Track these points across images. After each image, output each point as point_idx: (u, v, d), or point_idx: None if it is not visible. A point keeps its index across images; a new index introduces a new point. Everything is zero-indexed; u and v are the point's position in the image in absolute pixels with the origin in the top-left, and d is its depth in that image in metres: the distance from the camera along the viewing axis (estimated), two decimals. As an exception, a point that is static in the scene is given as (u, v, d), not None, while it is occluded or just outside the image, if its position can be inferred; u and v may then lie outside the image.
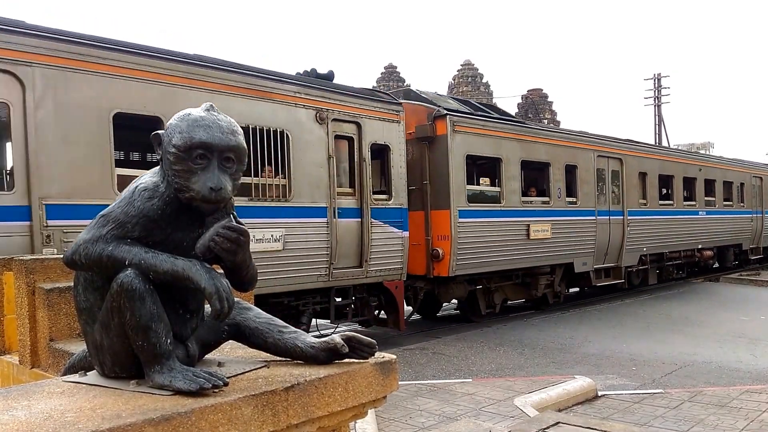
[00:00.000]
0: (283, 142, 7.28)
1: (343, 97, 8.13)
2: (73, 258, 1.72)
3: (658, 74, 37.81)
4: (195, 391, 1.61)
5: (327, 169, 7.75)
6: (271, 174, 7.20)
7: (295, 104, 7.51)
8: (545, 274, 11.65)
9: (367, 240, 8.19)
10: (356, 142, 8.21)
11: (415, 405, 5.52)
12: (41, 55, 5.57)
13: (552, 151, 11.51)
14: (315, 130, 7.69)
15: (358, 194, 8.19)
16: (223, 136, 1.70)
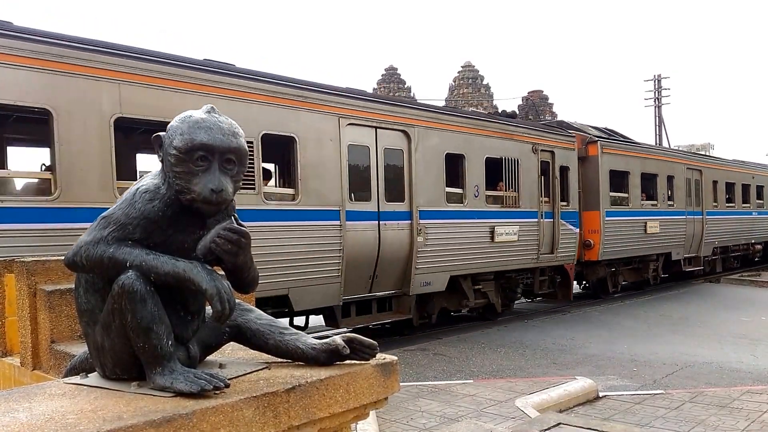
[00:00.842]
0: (516, 167, 10.75)
1: (546, 134, 11.71)
2: (74, 260, 1.72)
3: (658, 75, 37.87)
4: (196, 393, 1.61)
5: (537, 184, 11.15)
6: (501, 188, 10.59)
7: (523, 141, 10.99)
8: (652, 261, 14.92)
9: (558, 234, 11.60)
10: (551, 165, 11.60)
11: (416, 406, 5.51)
12: (420, 120, 9.25)
13: (658, 165, 14.79)
14: (531, 158, 11.11)
15: (552, 202, 11.57)
16: (224, 137, 1.70)
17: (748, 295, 14.59)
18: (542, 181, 11.23)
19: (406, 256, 8.81)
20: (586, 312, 12.09)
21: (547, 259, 11.38)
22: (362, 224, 8.25)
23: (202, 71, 6.82)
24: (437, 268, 9.29)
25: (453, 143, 9.57)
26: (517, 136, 10.82)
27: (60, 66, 5.77)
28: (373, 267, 8.44)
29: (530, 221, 10.94)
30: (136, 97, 6.20)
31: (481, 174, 10.03)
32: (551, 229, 11.43)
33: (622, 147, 13.77)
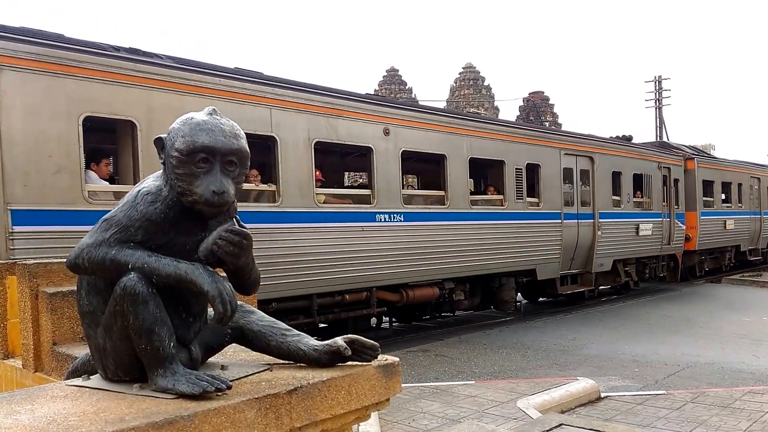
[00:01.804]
0: (649, 180, 14.35)
1: (664, 155, 15.39)
2: (76, 262, 1.72)
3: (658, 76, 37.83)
4: (198, 395, 1.61)
5: (662, 192, 14.79)
6: (639, 196, 14.06)
7: (652, 161, 14.56)
8: (727, 251, 18.44)
9: (673, 230, 15.20)
10: (668, 177, 15.11)
11: (417, 407, 5.51)
12: (601, 149, 12.64)
13: (732, 175, 18.38)
14: (657, 173, 14.63)
15: (669, 205, 15.08)
16: (225, 139, 1.71)
17: (749, 296, 14.58)
18: (664, 189, 14.93)
19: (590, 245, 12.28)
20: (588, 313, 12.08)
21: (666, 248, 15.11)
22: (569, 222, 11.81)
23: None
24: (607, 254, 12.79)
25: (616, 164, 13.20)
26: (649, 157, 14.55)
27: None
28: (573, 252, 11.93)
29: (658, 220, 14.53)
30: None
31: (629, 185, 13.54)
32: (669, 226, 15.06)
33: (710, 162, 17.85)
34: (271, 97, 7.34)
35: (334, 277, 7.87)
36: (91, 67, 5.92)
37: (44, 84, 5.60)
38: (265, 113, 7.26)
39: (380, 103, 8.97)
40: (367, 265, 8.24)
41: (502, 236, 10.30)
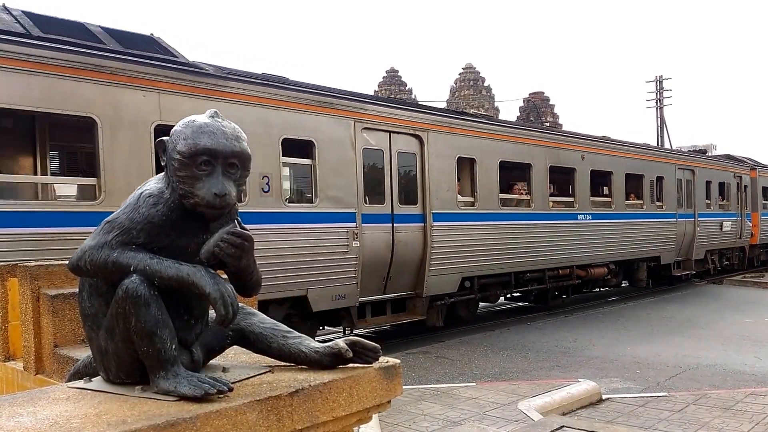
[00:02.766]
0: (728, 188, 18.01)
1: (735, 165, 18.95)
2: (78, 264, 1.72)
3: (659, 76, 37.79)
4: (200, 397, 1.61)
5: (736, 196, 18.34)
6: (721, 200, 17.50)
7: (729, 171, 18.18)
8: None
9: (743, 227, 18.74)
10: (740, 184, 18.69)
11: (418, 409, 5.51)
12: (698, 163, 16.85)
13: None
14: (733, 181, 18.32)
15: (741, 207, 18.64)
16: (227, 142, 1.71)
17: (751, 297, 14.56)
18: (737, 194, 18.50)
19: (692, 238, 16.09)
20: (589, 314, 12.07)
21: (738, 242, 18.83)
22: (681, 220, 15.57)
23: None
24: (702, 245, 16.63)
25: (708, 175, 16.93)
26: (727, 168, 18.27)
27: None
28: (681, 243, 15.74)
29: (735, 219, 18.29)
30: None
31: (716, 191, 17.33)
32: (741, 224, 18.63)
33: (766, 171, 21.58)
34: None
35: (555, 258, 11.77)
36: (461, 127, 10.09)
37: (442, 139, 9.71)
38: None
39: (577, 136, 13.13)
40: (571, 250, 12.13)
41: (642, 230, 14.16)
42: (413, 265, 9.08)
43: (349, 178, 8.26)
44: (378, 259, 8.58)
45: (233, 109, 6.94)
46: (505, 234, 10.54)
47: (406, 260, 8.94)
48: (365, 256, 8.36)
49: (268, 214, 7.41)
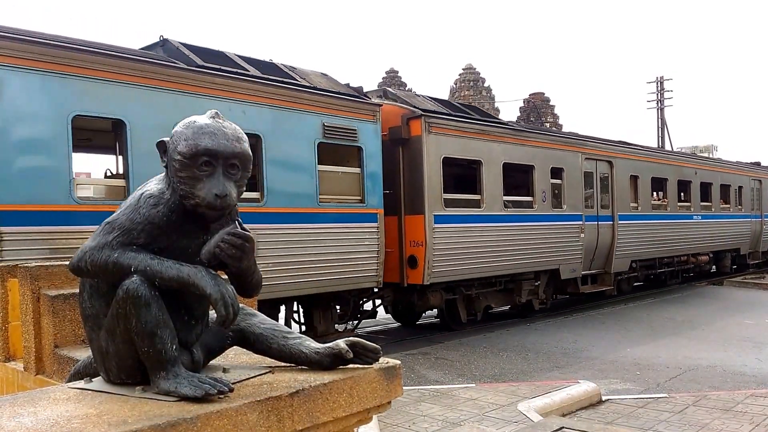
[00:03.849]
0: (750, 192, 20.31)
1: (760, 171, 20.69)
2: (78, 265, 1.73)
3: (660, 77, 37.80)
4: (200, 397, 1.61)
5: (759, 199, 20.48)
6: None
7: (743, 175, 19.39)
8: None
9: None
10: (762, 188, 20.67)
11: (418, 410, 5.51)
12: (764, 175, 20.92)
13: None
14: (755, 186, 20.17)
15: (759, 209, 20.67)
16: (228, 143, 1.71)
17: (751, 298, 14.55)
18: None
19: (759, 234, 19.99)
20: (589, 315, 12.07)
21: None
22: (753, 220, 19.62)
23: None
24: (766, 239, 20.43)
25: None
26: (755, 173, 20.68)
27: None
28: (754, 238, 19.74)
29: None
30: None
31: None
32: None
33: None
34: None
35: (681, 247, 15.90)
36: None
37: (623, 163, 13.62)
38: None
39: (693, 157, 18.35)
40: (688, 242, 16.14)
41: (729, 228, 18.17)
42: (606, 250, 13.10)
43: (578, 192, 12.27)
44: (590, 246, 12.57)
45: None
46: (655, 230, 14.67)
47: (603, 247, 12.95)
48: (585, 245, 12.39)
49: (543, 216, 11.39)
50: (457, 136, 9.68)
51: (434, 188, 9.24)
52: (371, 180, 8.54)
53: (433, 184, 9.20)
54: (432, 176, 9.18)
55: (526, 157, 10.94)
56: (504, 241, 10.33)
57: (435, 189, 9.25)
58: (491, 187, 10.20)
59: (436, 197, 9.26)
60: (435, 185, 9.24)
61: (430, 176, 9.14)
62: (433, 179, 9.20)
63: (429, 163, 9.12)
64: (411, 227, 9.15)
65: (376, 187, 8.64)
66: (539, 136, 11.56)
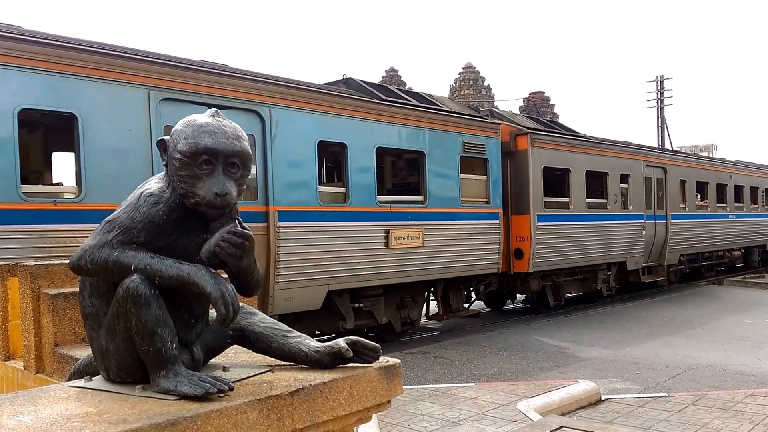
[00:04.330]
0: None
1: None
2: (78, 263, 1.73)
3: (660, 76, 37.76)
4: (200, 396, 1.61)
5: None
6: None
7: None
8: None
9: None
10: None
11: (417, 409, 5.51)
12: None
13: None
14: None
15: None
16: (228, 141, 1.71)
17: (751, 298, 14.56)
18: None
19: None
20: (589, 315, 12.07)
21: None
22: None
23: None
24: None
25: None
26: None
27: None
28: None
29: None
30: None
31: None
32: None
33: None
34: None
35: (720, 243, 17.71)
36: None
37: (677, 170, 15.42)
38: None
39: (728, 163, 19.07)
40: (726, 238, 17.89)
41: (756, 226, 19.55)
42: (660, 245, 14.63)
43: (640, 195, 13.86)
44: (649, 241, 14.14)
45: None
46: (699, 228, 16.22)
47: (658, 242, 14.55)
48: (646, 240, 13.93)
49: (614, 215, 12.90)
50: (553, 149, 11.47)
51: (537, 192, 10.93)
52: (494, 185, 10.31)
53: (536, 189, 10.91)
54: (535, 183, 10.92)
55: (602, 165, 12.68)
56: (586, 237, 12.02)
57: (537, 193, 10.95)
58: (577, 191, 11.88)
59: (538, 200, 10.97)
60: (537, 190, 10.95)
61: (534, 183, 10.89)
62: (536, 185, 10.93)
63: (533, 172, 10.89)
64: (517, 225, 10.88)
65: (497, 191, 10.40)
66: (612, 147, 13.45)
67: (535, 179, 10.91)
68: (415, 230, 8.85)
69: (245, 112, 7.07)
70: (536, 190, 10.93)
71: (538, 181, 10.97)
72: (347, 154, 8.15)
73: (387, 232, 8.50)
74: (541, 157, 11.05)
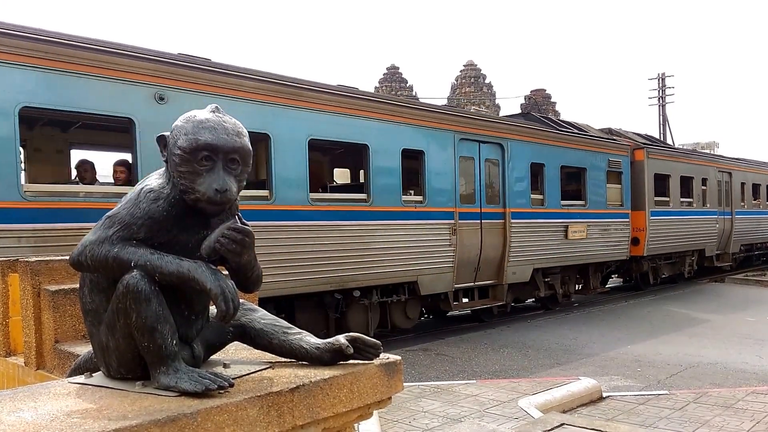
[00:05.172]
0: None
1: None
2: (78, 259, 1.72)
3: (662, 74, 37.65)
4: (200, 392, 1.61)
5: None
6: None
7: None
8: None
9: None
10: None
11: (418, 406, 5.51)
12: None
13: None
14: None
15: None
16: (228, 137, 1.71)
17: (752, 295, 14.55)
18: None
19: None
20: (590, 312, 12.07)
21: None
22: None
23: None
24: None
25: None
26: None
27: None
28: None
29: None
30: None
31: None
32: None
33: None
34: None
35: (765, 236, 20.22)
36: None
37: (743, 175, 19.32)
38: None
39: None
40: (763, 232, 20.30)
41: None
42: (727, 236, 17.60)
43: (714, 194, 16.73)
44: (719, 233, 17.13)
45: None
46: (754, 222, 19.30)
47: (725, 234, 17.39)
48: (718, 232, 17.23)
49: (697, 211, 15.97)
50: (661, 159, 14.97)
51: (650, 193, 14.27)
52: (625, 191, 13.65)
53: (649, 191, 14.25)
54: (649, 186, 14.27)
55: (690, 171, 15.95)
56: (681, 228, 15.38)
57: (650, 194, 14.28)
58: (674, 192, 15.16)
59: (651, 199, 14.27)
60: (650, 191, 14.28)
61: (648, 186, 14.22)
62: (649, 188, 14.28)
63: (647, 178, 14.27)
64: (634, 219, 13.99)
65: (627, 195, 13.69)
66: (693, 156, 17.55)
67: (649, 183, 14.23)
68: (582, 226, 12.24)
69: (494, 145, 10.37)
70: (649, 192, 14.23)
71: (651, 185, 14.28)
72: (545, 172, 11.49)
73: (566, 227, 11.81)
74: (653, 166, 14.50)
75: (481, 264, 10.08)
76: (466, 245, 9.70)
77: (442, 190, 9.32)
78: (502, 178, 10.46)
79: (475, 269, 10.01)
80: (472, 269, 9.96)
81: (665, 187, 14.97)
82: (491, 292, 10.62)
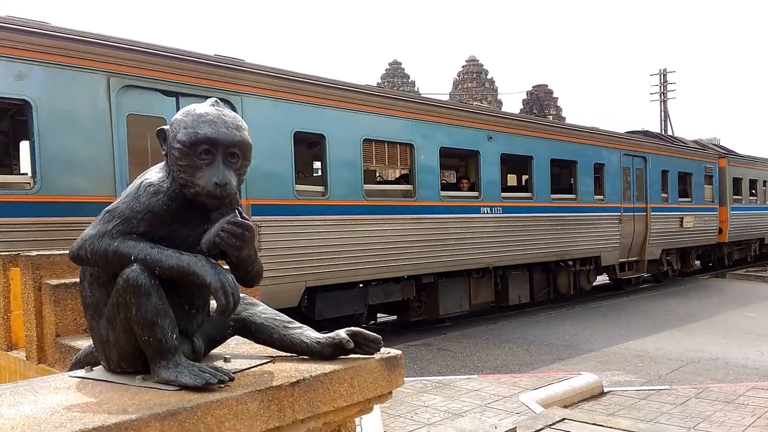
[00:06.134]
0: None
1: None
2: (78, 253, 1.72)
3: (663, 70, 37.57)
4: (201, 387, 1.61)
5: None
6: None
7: None
8: None
9: None
10: None
11: (420, 401, 5.52)
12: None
13: None
14: None
15: None
16: (228, 131, 1.70)
17: (753, 291, 14.53)
18: None
19: None
20: (591, 308, 12.07)
21: None
22: None
23: None
24: None
25: None
26: None
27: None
28: None
29: None
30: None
31: None
32: None
33: None
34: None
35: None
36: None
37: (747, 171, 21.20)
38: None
39: None
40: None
41: None
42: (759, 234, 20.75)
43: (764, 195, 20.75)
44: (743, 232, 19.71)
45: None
46: None
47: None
48: None
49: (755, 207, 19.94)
50: (738, 166, 18.90)
51: (730, 193, 18.06)
52: (715, 191, 17.39)
53: (730, 191, 18.03)
54: (729, 187, 18.02)
55: (755, 174, 19.88)
56: (749, 220, 19.39)
57: (731, 193, 18.09)
58: (745, 191, 19.04)
59: (731, 197, 18.04)
60: (730, 191, 18.07)
61: (729, 188, 18.00)
62: (730, 188, 18.03)
63: (729, 181, 18.05)
64: (719, 213, 17.61)
65: (716, 194, 17.47)
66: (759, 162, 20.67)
67: (730, 186, 18.05)
68: (692, 217, 16.02)
69: (640, 158, 14.39)
70: (730, 192, 18.03)
71: (730, 186, 18.09)
72: (669, 176, 15.19)
73: (681, 218, 15.58)
74: (732, 171, 18.26)
75: (633, 245, 13.93)
76: (626, 231, 13.58)
77: (613, 191, 13.21)
78: (645, 181, 14.32)
79: (629, 249, 13.82)
80: (627, 249, 13.77)
81: (739, 187, 18.91)
82: (636, 266, 14.48)
